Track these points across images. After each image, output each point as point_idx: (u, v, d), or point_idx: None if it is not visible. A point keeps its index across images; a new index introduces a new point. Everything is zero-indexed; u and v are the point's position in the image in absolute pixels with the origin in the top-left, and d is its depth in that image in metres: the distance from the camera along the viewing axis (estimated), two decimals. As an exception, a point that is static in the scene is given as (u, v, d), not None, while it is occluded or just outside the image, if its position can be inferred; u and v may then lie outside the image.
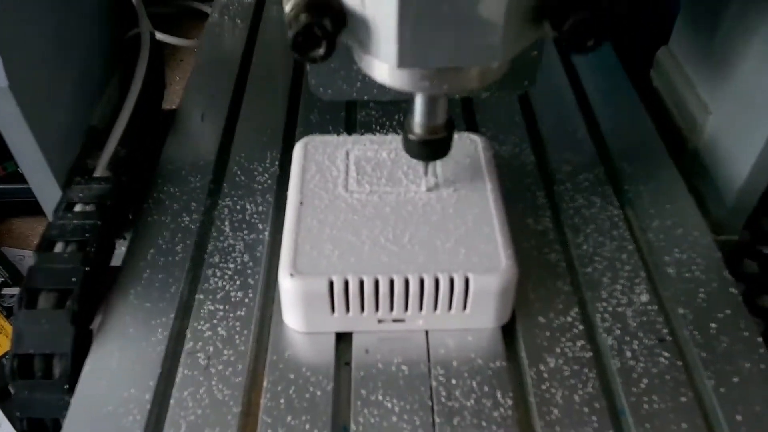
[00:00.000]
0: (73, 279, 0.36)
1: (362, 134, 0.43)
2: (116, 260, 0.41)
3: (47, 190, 0.43)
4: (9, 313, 0.56)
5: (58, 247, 0.38)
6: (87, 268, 0.36)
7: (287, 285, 0.34)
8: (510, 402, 0.33)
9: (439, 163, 0.40)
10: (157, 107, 0.56)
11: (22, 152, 0.41)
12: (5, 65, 0.37)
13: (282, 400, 0.33)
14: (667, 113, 0.52)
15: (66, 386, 0.34)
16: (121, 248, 0.42)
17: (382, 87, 0.30)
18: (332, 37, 0.26)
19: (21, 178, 0.63)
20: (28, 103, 0.39)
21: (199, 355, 0.35)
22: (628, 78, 0.55)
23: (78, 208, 0.41)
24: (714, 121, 0.47)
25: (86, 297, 0.36)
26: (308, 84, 0.39)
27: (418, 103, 0.34)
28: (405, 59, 0.27)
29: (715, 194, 0.47)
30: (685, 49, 0.52)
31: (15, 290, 0.58)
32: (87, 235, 0.38)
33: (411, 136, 0.35)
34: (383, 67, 0.29)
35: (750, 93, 0.43)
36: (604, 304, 0.37)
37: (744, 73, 0.44)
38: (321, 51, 0.27)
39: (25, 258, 0.63)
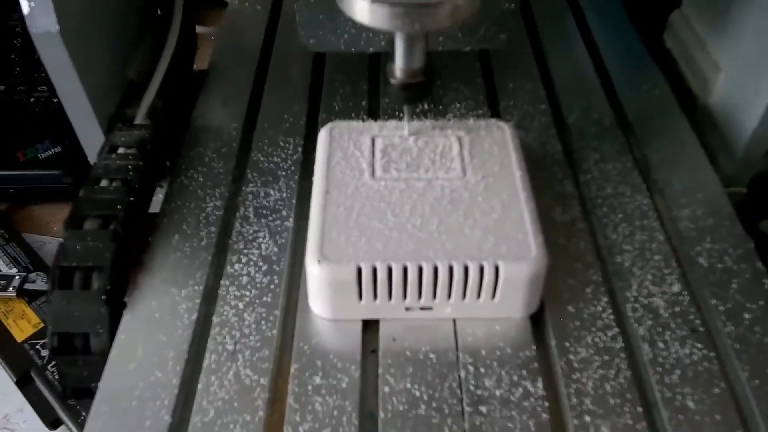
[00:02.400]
0: (118, 206, 0.38)
1: (386, 120, 0.42)
2: (154, 207, 0.44)
3: (91, 135, 0.45)
4: (31, 299, 0.56)
5: (103, 184, 0.41)
6: (131, 198, 0.39)
7: (315, 272, 0.34)
8: (540, 392, 0.32)
9: (467, 149, 0.39)
10: (189, 65, 0.58)
11: (70, 96, 0.43)
12: (56, 12, 0.38)
13: (309, 387, 0.33)
14: (679, 73, 0.54)
15: (103, 297, 0.35)
16: (158, 195, 0.45)
17: (367, 39, 0.33)
18: None
19: (41, 165, 0.64)
20: (76, 50, 0.41)
21: (225, 340, 0.35)
22: (643, 43, 0.56)
23: (120, 151, 0.43)
24: (724, 77, 0.48)
25: (128, 224, 0.38)
26: (298, 36, 0.41)
27: (398, 46, 0.35)
28: None
29: (724, 148, 0.47)
30: (698, 10, 0.53)
31: (35, 276, 0.58)
32: (130, 173, 0.41)
33: (392, 80, 0.37)
34: (362, 5, 0.32)
35: (759, 48, 0.44)
36: (635, 294, 0.37)
37: (753, 27, 0.45)
38: None
39: (45, 244, 0.63)
